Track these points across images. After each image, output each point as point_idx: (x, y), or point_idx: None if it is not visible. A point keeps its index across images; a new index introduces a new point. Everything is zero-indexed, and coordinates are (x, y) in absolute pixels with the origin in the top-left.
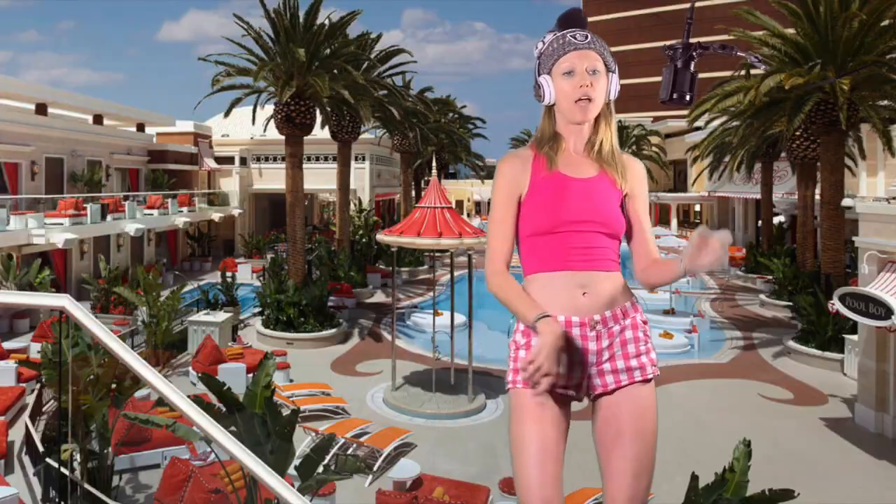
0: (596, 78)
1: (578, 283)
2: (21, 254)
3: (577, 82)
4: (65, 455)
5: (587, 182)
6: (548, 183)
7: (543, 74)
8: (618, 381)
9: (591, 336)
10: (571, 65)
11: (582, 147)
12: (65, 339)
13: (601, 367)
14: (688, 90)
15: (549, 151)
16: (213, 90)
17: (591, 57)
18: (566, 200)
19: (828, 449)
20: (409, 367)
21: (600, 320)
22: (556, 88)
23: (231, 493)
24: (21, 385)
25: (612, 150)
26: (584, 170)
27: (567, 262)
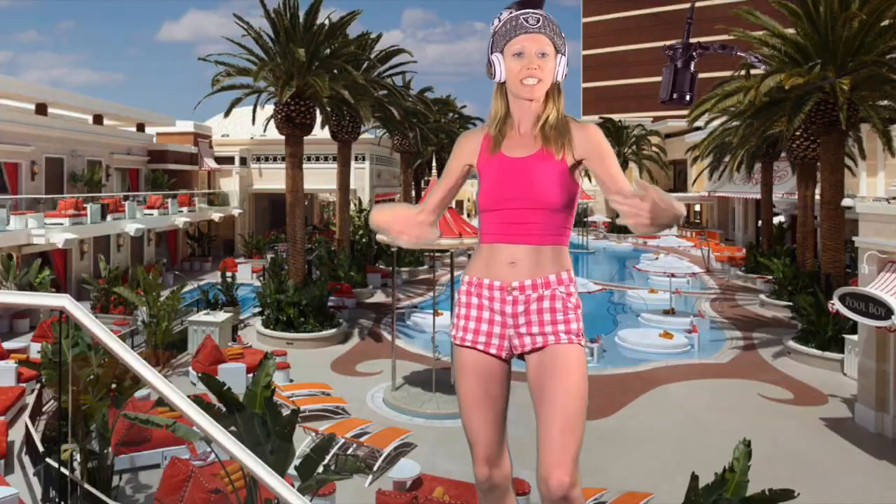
0: (544, 61)
1: (510, 254)
2: (21, 254)
3: (525, 64)
4: (65, 455)
5: (523, 161)
6: (490, 164)
7: (496, 52)
8: (534, 342)
9: (509, 300)
10: (522, 47)
11: (528, 125)
12: (65, 339)
13: (518, 330)
14: (688, 90)
15: (496, 133)
16: (213, 90)
17: (540, 41)
18: (502, 180)
19: (828, 449)
20: (409, 367)
21: (518, 287)
22: (506, 67)
23: (231, 493)
24: (21, 385)
25: (555, 123)
26: (524, 149)
27: (503, 237)
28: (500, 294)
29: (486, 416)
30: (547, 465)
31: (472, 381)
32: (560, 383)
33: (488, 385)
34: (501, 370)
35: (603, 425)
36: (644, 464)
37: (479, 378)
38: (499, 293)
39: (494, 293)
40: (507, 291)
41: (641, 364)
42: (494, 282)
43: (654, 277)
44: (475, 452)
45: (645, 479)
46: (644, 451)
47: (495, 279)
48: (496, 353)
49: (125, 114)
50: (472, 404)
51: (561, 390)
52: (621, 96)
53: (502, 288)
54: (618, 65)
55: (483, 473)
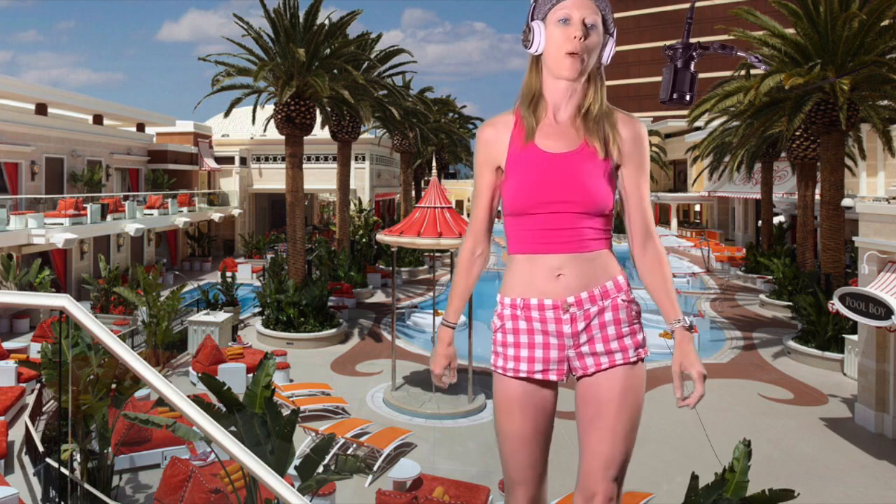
0: (593, 32)
1: (555, 265)
2: (21, 254)
3: (570, 32)
4: (65, 455)
5: (565, 157)
6: (524, 159)
7: (537, 20)
8: (598, 363)
9: (566, 319)
10: (568, 13)
11: (567, 113)
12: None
13: (579, 350)
14: (688, 90)
15: (529, 118)
16: (213, 90)
17: (591, 8)
18: (542, 180)
19: (828, 449)
20: (409, 367)
21: (574, 302)
22: (547, 36)
23: (231, 493)
24: (21, 385)
25: (599, 114)
26: (565, 142)
27: (544, 245)
28: (553, 314)
29: (535, 455)
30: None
31: (523, 417)
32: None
33: (539, 420)
34: (553, 400)
35: None
36: (644, 464)
37: (531, 412)
38: (552, 312)
39: (547, 314)
40: (562, 310)
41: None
42: (545, 300)
43: None
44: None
45: (645, 479)
46: (644, 451)
47: (545, 297)
48: (556, 378)
49: (125, 114)
50: (522, 442)
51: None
52: (621, 96)
53: (556, 307)
54: (618, 65)
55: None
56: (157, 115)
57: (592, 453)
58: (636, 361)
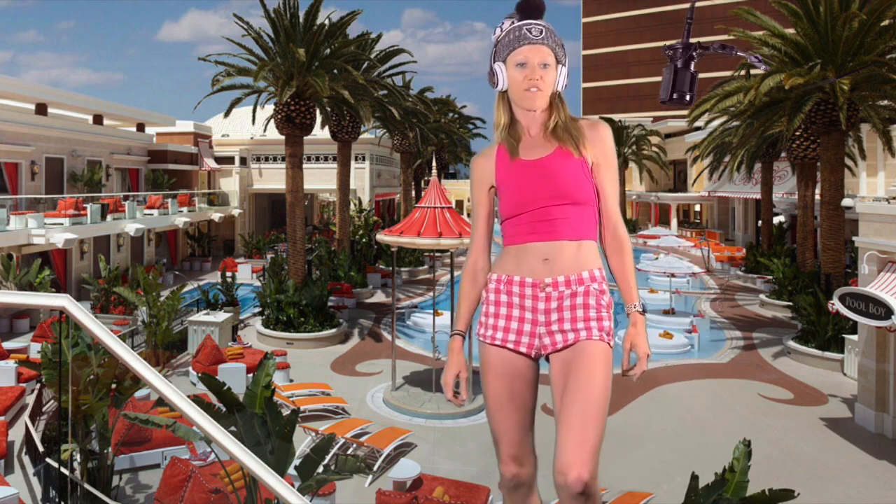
0: (546, 71)
1: (541, 252)
2: (21, 254)
3: (527, 74)
4: (65, 455)
5: (544, 161)
6: (511, 171)
7: (498, 62)
8: (565, 339)
9: (541, 297)
10: (525, 58)
11: (540, 130)
12: (65, 339)
13: (550, 328)
14: (688, 90)
15: (508, 139)
16: (213, 90)
17: (543, 52)
18: (527, 184)
19: (828, 449)
20: (409, 367)
21: (551, 283)
22: (508, 76)
23: (231, 493)
24: (21, 385)
25: (564, 124)
26: (541, 149)
27: (532, 235)
28: (531, 291)
29: (512, 416)
30: (566, 459)
31: (499, 381)
32: (584, 377)
33: (515, 384)
34: (529, 369)
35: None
36: (644, 464)
37: (505, 377)
38: (530, 290)
39: (526, 290)
40: (539, 288)
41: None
42: (526, 278)
43: (654, 277)
44: (500, 451)
45: (645, 479)
46: (644, 451)
47: (527, 276)
48: (525, 351)
49: (125, 114)
50: (499, 404)
51: (584, 384)
52: (621, 96)
53: (534, 284)
54: (618, 65)
55: (509, 471)
56: (157, 115)
57: (567, 424)
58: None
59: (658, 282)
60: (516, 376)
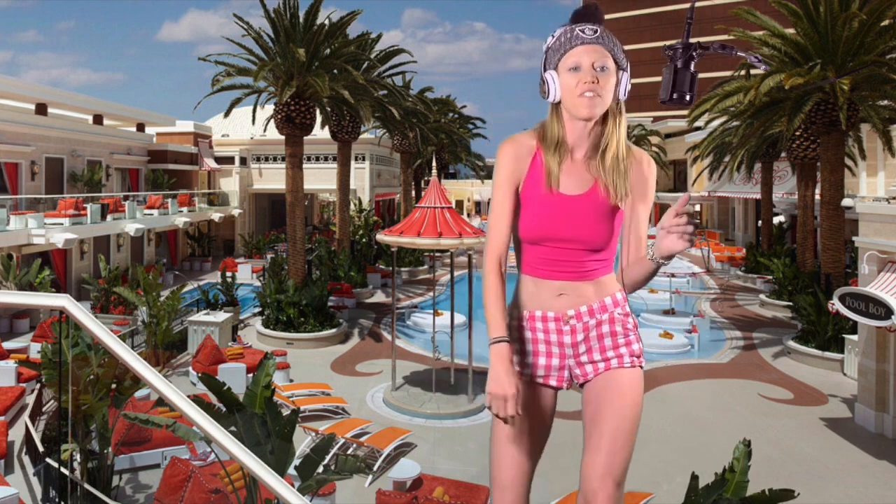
0: (604, 75)
1: (557, 287)
2: (21, 254)
3: (582, 77)
4: (65, 455)
5: (576, 200)
6: (538, 195)
7: (549, 70)
8: (596, 369)
9: (566, 330)
10: (578, 60)
11: (582, 152)
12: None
13: (579, 359)
14: (688, 90)
15: (552, 162)
16: (213, 90)
17: (599, 52)
18: (553, 218)
19: (828, 449)
20: (409, 367)
21: (574, 315)
22: (561, 84)
23: (231, 493)
24: (21, 385)
25: (616, 155)
26: (578, 183)
27: (549, 272)
28: (555, 325)
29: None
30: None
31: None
32: (614, 404)
33: (533, 421)
34: (551, 404)
35: None
36: (644, 464)
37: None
38: (554, 324)
39: (549, 325)
40: (563, 321)
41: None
42: (548, 313)
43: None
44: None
45: (645, 479)
46: (644, 451)
47: (548, 310)
48: (556, 384)
49: (125, 114)
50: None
51: (613, 411)
52: None
53: (557, 318)
54: None
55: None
56: (157, 115)
57: (593, 454)
58: (631, 367)
59: (658, 282)
60: (536, 411)
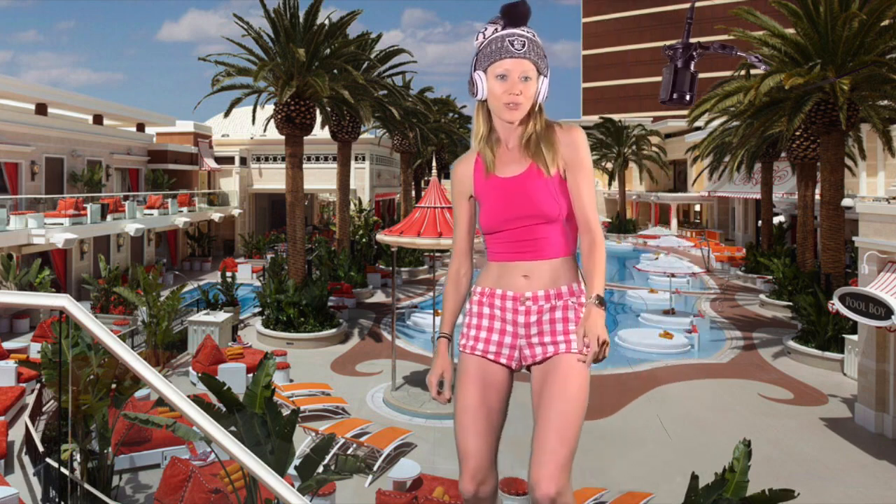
0: (526, 85)
1: (521, 271)
2: (21, 254)
3: (508, 88)
4: (65, 455)
5: (518, 179)
6: (487, 188)
7: (478, 70)
8: (545, 352)
9: (521, 310)
10: (505, 70)
11: (514, 142)
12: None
13: (530, 340)
14: (688, 90)
15: (486, 152)
16: (213, 90)
17: (524, 65)
18: (502, 202)
19: (828, 449)
20: (409, 367)
21: (531, 297)
22: (488, 87)
23: (231, 493)
24: (21, 385)
25: (537, 138)
26: (516, 165)
27: (512, 254)
28: (512, 304)
29: (480, 425)
30: (536, 474)
31: (473, 389)
32: (558, 391)
33: (488, 394)
34: (504, 381)
35: (603, 425)
36: (644, 464)
37: (479, 386)
38: (511, 303)
39: (507, 303)
40: (520, 301)
41: (641, 364)
42: (507, 292)
43: (654, 277)
44: (464, 466)
45: (645, 479)
46: (644, 451)
47: (508, 289)
48: (505, 362)
49: (125, 114)
50: (469, 412)
51: (557, 398)
52: (621, 96)
53: (515, 298)
54: (618, 65)
55: (469, 490)
56: (157, 115)
57: (541, 438)
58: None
59: (658, 282)
60: (490, 385)
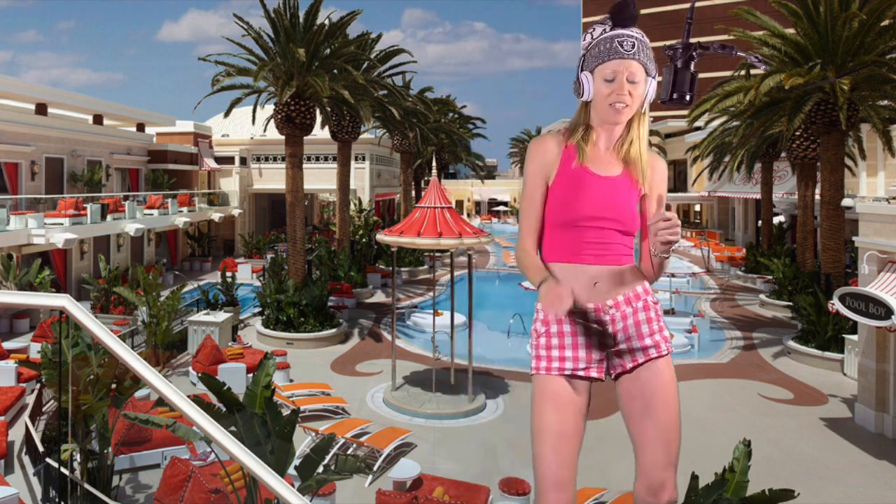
0: (634, 87)
1: (590, 275)
2: (21, 254)
3: (615, 89)
4: (65, 455)
5: (609, 180)
6: (572, 177)
7: (585, 71)
8: (635, 359)
9: (606, 320)
10: (614, 72)
11: (611, 145)
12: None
13: (618, 348)
14: (688, 90)
15: (580, 142)
16: (213, 90)
17: (633, 67)
18: (586, 197)
19: (828, 449)
20: (409, 367)
21: (613, 305)
22: (595, 88)
23: (231, 493)
24: (21, 385)
25: (639, 151)
26: (609, 168)
27: (580, 256)
28: (595, 316)
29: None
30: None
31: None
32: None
33: (578, 417)
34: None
35: (603, 425)
36: None
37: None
38: (594, 315)
39: (589, 316)
40: (603, 311)
41: None
42: (587, 304)
43: None
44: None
45: None
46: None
47: (586, 302)
48: (597, 375)
49: (125, 114)
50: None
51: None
52: None
53: (598, 309)
54: None
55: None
56: (157, 115)
57: (653, 446)
58: (667, 354)
59: (658, 282)
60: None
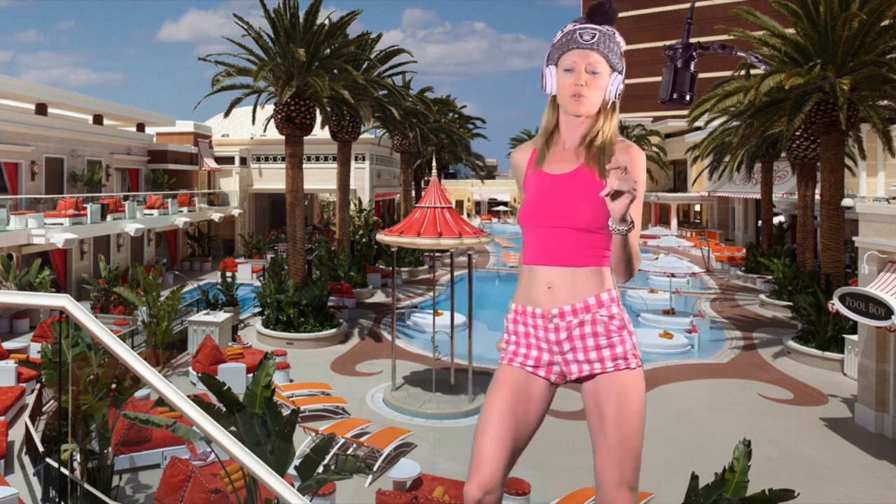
0: (594, 78)
1: (546, 278)
2: (21, 254)
3: (573, 80)
4: (65, 455)
5: (562, 178)
6: (530, 180)
7: (550, 65)
8: (580, 370)
9: (550, 328)
10: (573, 62)
11: (573, 142)
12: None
13: (565, 357)
14: (688, 90)
15: (542, 147)
16: (213, 90)
17: (592, 58)
18: (540, 199)
19: (828, 449)
20: (409, 367)
21: (557, 314)
22: (557, 81)
23: (231, 493)
24: (21, 385)
25: (602, 143)
26: (565, 164)
27: (539, 257)
28: (542, 322)
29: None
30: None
31: (504, 398)
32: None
33: (519, 405)
34: (542, 395)
35: None
36: (644, 463)
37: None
38: (541, 321)
39: (537, 321)
40: (548, 319)
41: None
42: (536, 309)
43: (653, 277)
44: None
45: (645, 478)
46: (644, 451)
47: (536, 306)
48: (544, 375)
49: (125, 114)
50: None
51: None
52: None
53: (543, 316)
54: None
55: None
56: (157, 115)
57: (602, 461)
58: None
59: (658, 282)
60: (526, 398)
